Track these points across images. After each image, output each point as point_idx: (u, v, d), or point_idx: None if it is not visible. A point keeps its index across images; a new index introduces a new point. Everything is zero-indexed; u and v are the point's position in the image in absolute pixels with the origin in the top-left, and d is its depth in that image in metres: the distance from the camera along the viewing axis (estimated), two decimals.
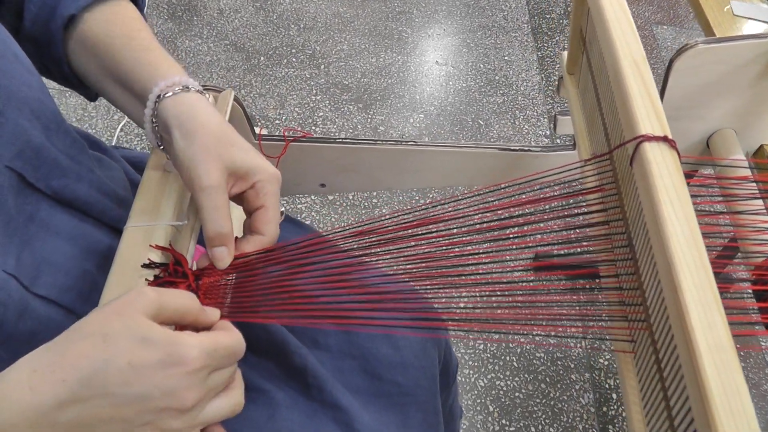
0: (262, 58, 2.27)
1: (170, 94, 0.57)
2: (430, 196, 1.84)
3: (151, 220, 0.62)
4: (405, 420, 0.73)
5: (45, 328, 0.52)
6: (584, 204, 0.61)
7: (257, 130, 0.88)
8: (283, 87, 2.17)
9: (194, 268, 0.60)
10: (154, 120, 0.59)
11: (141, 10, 0.69)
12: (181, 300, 0.48)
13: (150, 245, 0.59)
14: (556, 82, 0.81)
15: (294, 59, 2.27)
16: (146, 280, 0.57)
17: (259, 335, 0.68)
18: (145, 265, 0.58)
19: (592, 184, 0.63)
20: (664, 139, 0.47)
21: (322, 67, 2.25)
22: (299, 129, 2.00)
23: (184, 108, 0.57)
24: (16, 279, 0.50)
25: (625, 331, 0.54)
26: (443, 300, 0.57)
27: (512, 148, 0.84)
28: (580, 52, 0.73)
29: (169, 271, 0.59)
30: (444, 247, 0.58)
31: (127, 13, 0.64)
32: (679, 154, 0.47)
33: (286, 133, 0.86)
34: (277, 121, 2.05)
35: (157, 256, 0.59)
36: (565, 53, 0.79)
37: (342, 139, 0.84)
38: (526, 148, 0.85)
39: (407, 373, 0.75)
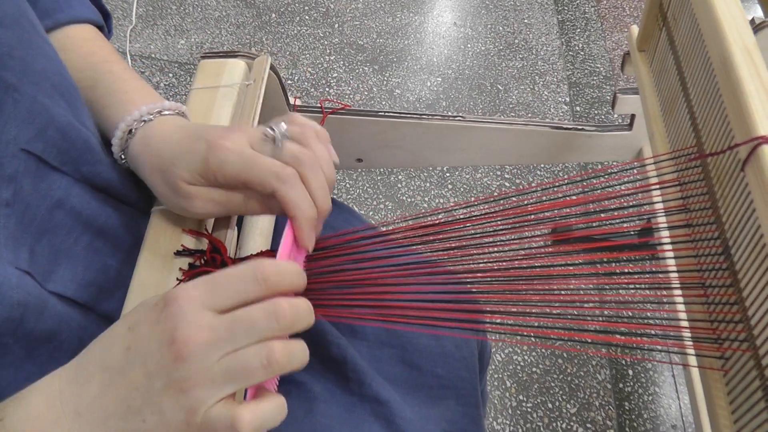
0: (273, 15, 2.19)
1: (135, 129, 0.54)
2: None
3: None
4: (445, 413, 0.70)
5: (67, 327, 0.48)
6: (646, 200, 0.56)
7: (292, 100, 0.83)
8: (295, 46, 2.10)
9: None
10: (122, 156, 0.56)
11: (106, 33, 0.64)
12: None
13: (183, 230, 0.54)
14: (621, 60, 0.76)
15: (307, 17, 2.20)
16: (180, 269, 0.53)
17: None
18: (178, 253, 0.53)
19: (669, 177, 0.58)
20: None
21: (336, 25, 2.18)
22: (338, 101, 1.93)
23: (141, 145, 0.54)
24: (30, 276, 0.45)
25: (712, 346, 0.49)
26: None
27: (565, 126, 0.79)
28: (657, 28, 0.67)
29: (206, 259, 0.54)
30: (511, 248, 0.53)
31: (82, 36, 0.60)
32: None
33: (323, 104, 0.81)
34: (289, 81, 1.98)
35: (191, 242, 0.55)
36: (635, 27, 0.74)
37: (384, 112, 0.79)
38: (580, 127, 0.80)
39: (448, 364, 0.72)
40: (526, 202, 0.53)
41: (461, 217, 0.54)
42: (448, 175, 1.76)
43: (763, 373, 0.42)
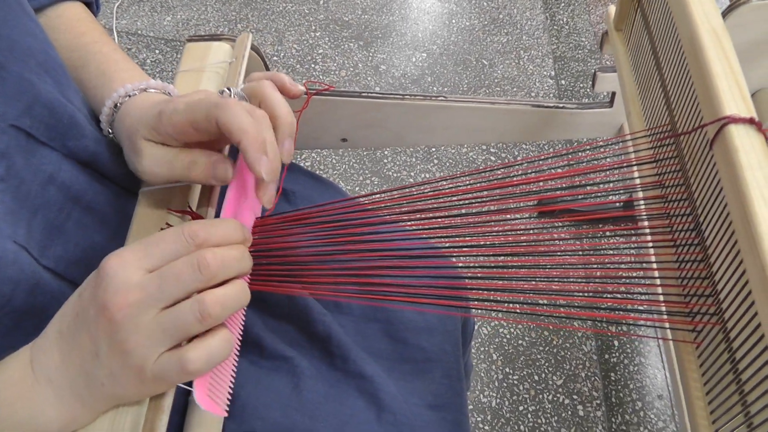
0: None
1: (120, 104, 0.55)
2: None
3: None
4: (429, 386, 0.72)
5: (57, 303, 0.48)
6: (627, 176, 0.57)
7: None
8: (280, 22, 2.09)
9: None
10: (110, 130, 0.57)
11: (94, 9, 0.65)
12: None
13: (168, 209, 0.56)
14: (600, 39, 0.77)
15: None
16: None
17: (280, 299, 0.66)
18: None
19: (645, 154, 0.60)
20: (751, 121, 0.43)
21: (321, 2, 2.17)
22: (321, 81, 1.93)
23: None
24: (26, 251, 0.46)
25: (685, 319, 0.51)
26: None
27: (546, 104, 0.80)
28: (632, 8, 0.68)
29: None
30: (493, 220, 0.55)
31: (73, 16, 0.61)
32: (766, 135, 0.43)
33: (307, 86, 0.82)
34: (275, 58, 1.98)
35: (176, 222, 0.56)
36: (612, 7, 0.75)
37: (367, 93, 0.80)
38: (561, 105, 0.81)
39: (432, 337, 0.73)
40: (512, 175, 0.54)
41: (446, 187, 0.55)
42: (434, 150, 1.77)
43: (731, 345, 0.44)
